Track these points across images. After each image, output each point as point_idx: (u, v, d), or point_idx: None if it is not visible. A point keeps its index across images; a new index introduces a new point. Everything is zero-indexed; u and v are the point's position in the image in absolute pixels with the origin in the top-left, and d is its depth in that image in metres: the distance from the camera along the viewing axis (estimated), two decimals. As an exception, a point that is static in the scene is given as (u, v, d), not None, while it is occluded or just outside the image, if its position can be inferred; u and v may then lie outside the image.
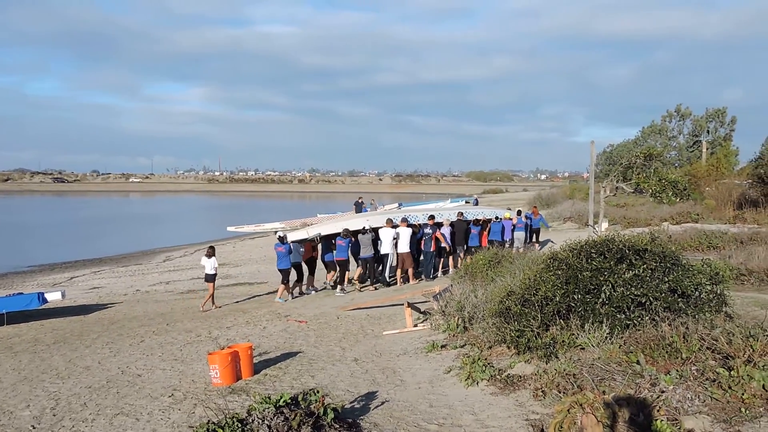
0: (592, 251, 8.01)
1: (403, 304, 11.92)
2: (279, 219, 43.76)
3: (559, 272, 7.94)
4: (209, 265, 15.88)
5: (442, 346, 9.35)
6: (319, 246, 17.50)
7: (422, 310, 12.14)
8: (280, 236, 16.43)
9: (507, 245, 20.14)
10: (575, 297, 7.63)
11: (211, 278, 15.80)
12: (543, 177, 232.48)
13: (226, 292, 18.68)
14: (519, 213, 22.70)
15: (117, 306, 16.89)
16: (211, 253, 16.07)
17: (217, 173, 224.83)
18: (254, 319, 13.74)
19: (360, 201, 39.90)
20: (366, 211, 38.52)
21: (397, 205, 47.90)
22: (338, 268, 17.03)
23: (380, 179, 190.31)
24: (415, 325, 11.31)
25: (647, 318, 7.23)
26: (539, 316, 7.72)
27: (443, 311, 10.83)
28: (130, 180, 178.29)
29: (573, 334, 7.41)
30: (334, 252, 17.23)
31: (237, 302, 16.51)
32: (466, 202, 41.97)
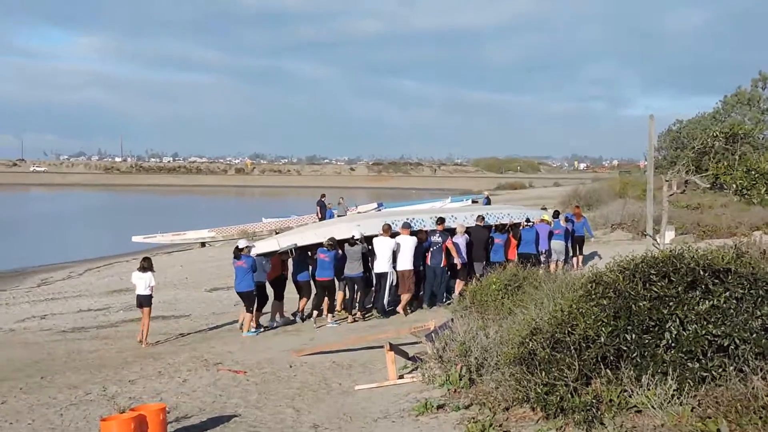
0: (652, 272, 8.03)
1: (383, 347, 11.88)
2: (207, 225, 44.01)
3: (605, 302, 7.95)
4: (143, 283, 16.41)
5: (439, 407, 9.33)
6: (290, 261, 17.87)
7: (411, 355, 12.10)
8: (239, 247, 16.74)
9: (543, 259, 20.56)
10: (628, 337, 7.64)
11: (147, 301, 16.37)
12: (582, 166, 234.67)
13: (129, 329, 18.56)
14: (556, 215, 22.85)
15: (-32, 351, 16.64)
16: (146, 266, 16.56)
17: (118, 159, 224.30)
18: (170, 368, 13.68)
19: (323, 199, 40.02)
20: (331, 214, 38.70)
21: (375, 205, 48.21)
22: (320, 292, 17.44)
23: (352, 169, 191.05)
24: (401, 377, 11.28)
25: (732, 368, 7.24)
26: (576, 364, 7.71)
27: (440, 357, 10.81)
28: (32, 169, 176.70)
29: (625, 391, 7.41)
30: (310, 269, 17.67)
31: (145, 344, 16.36)
32: (474, 202, 42.33)
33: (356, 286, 17.77)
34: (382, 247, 17.57)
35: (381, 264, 17.57)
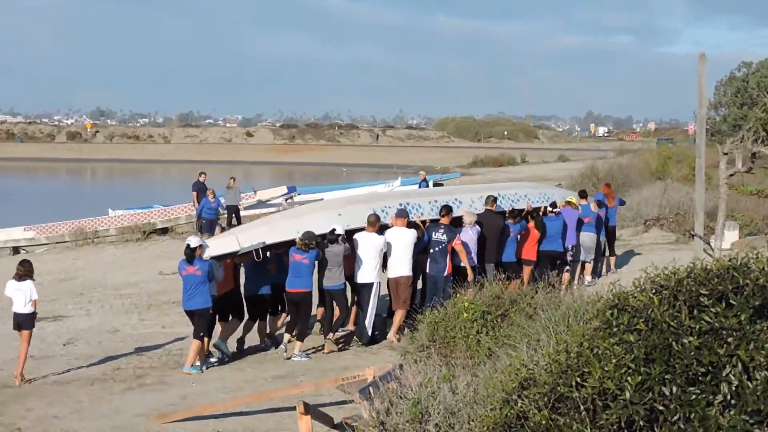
0: (703, 292, 8.08)
1: (294, 408, 11.85)
2: (23, 222, 43.37)
3: (633, 338, 7.99)
4: (22, 296, 17.34)
5: (380, 502, 9.30)
6: (242, 269, 18.93)
7: (337, 420, 12.08)
8: (191, 246, 17.30)
9: (569, 259, 21.72)
10: (666, 391, 7.69)
11: (28, 321, 17.59)
12: (602, 131, 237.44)
13: None
14: (584, 195, 23.31)
15: None
16: (25, 272, 17.49)
17: None
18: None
19: (202, 180, 39.78)
20: (218, 200, 38.55)
21: (284, 190, 48.34)
22: (292, 309, 18.36)
23: (249, 134, 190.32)
24: (322, 456, 11.25)
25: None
26: (589, 431, 7.76)
27: (382, 423, 10.81)
28: None
29: (661, 472, 7.46)
30: (270, 277, 18.65)
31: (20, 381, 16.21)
32: (437, 185, 42.62)
33: (336, 303, 18.39)
34: (367, 246, 18.12)
35: (365, 271, 18.20)
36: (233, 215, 38.93)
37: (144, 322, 22.48)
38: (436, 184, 43.20)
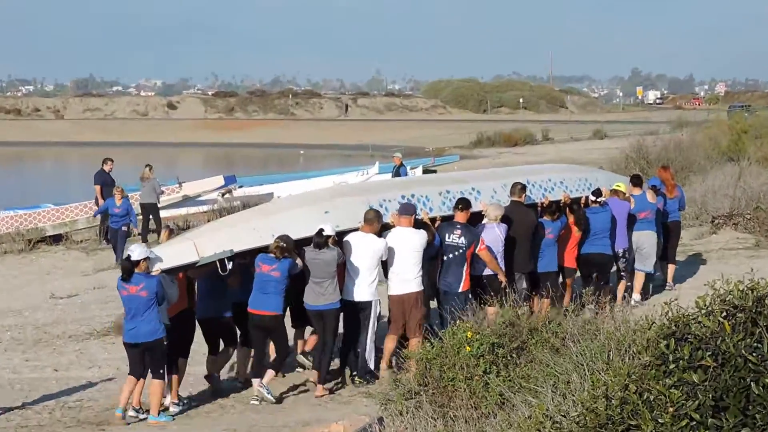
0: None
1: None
2: None
3: (696, 377, 7.99)
4: None
5: None
6: (197, 285, 18.88)
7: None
8: (132, 259, 17.18)
9: (620, 270, 21.97)
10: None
11: None
12: (654, 97, 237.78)
13: None
14: (638, 182, 23.49)
15: None
16: None
17: None
18: None
19: (108, 170, 39.59)
20: (127, 203, 38.49)
21: (221, 181, 48.56)
22: (257, 336, 18.39)
23: (171, 106, 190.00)
24: None
25: None
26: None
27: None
28: None
29: None
30: (231, 294, 18.63)
31: None
32: (428, 172, 42.76)
33: (324, 327, 18.35)
34: (363, 252, 18.16)
35: (360, 286, 18.23)
36: (150, 216, 38.34)
37: (30, 364, 22.39)
38: (426, 172, 43.17)
